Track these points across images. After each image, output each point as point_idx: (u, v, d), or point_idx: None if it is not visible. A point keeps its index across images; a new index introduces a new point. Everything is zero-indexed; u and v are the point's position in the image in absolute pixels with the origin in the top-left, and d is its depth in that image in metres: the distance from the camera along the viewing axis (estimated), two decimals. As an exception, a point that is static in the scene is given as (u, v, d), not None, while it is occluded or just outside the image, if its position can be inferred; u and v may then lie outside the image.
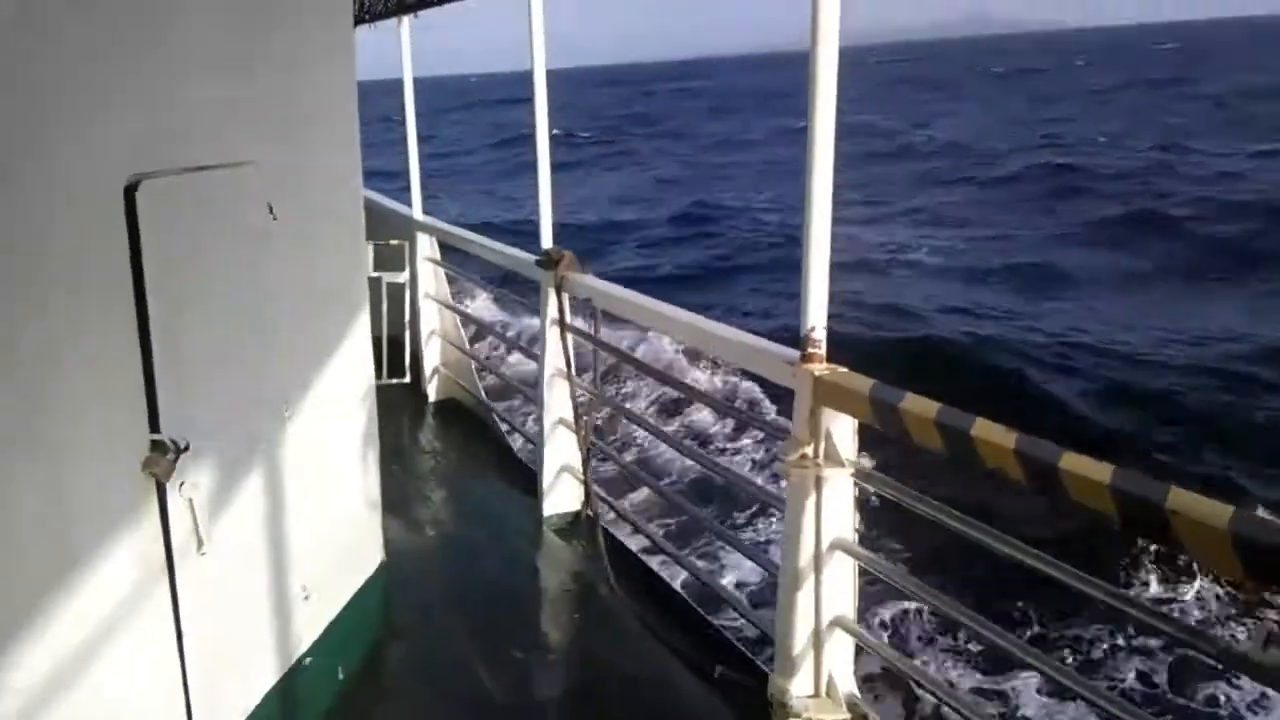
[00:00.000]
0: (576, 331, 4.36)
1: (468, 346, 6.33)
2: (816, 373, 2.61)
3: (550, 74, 4.45)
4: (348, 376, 3.23)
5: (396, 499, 4.54)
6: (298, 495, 2.88)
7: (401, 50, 6.11)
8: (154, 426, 2.14)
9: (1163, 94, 54.57)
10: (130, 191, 2.03)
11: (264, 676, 2.72)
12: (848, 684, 2.78)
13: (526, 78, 4.41)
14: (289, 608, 2.84)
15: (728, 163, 35.81)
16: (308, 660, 2.93)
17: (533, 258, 4.52)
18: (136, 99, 2.14)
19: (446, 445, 5.71)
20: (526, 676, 3.35)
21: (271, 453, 2.73)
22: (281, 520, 2.74)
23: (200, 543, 2.28)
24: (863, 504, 2.74)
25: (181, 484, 2.21)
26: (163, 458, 2.13)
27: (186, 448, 2.18)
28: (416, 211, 6.38)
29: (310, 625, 2.99)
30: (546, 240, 4.50)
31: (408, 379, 6.50)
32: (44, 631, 1.90)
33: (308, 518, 2.99)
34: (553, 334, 4.39)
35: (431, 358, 6.42)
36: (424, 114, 6.43)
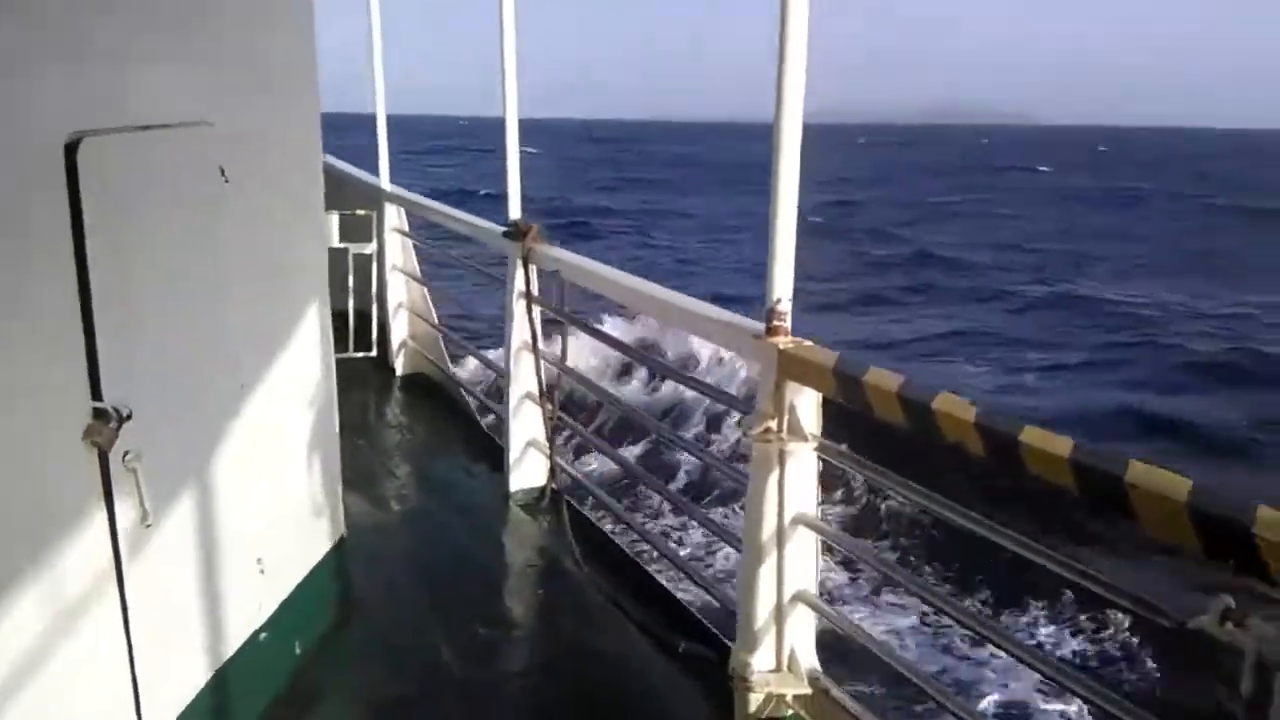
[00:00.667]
0: (543, 304, 4.31)
1: (435, 319, 6.24)
2: (781, 346, 2.58)
3: (524, 124, 4.38)
4: (306, 347, 3.16)
5: (360, 473, 4.47)
6: (252, 467, 2.81)
7: (370, 11, 5.96)
8: (95, 394, 2.06)
9: (1177, 205, 47.98)
10: (71, 149, 1.94)
11: (216, 652, 2.66)
12: (809, 658, 2.78)
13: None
14: (243, 582, 2.78)
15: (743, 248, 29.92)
16: (263, 636, 2.88)
17: (500, 229, 4.45)
18: (78, 51, 2.04)
19: (413, 419, 5.65)
20: (488, 652, 3.33)
21: (224, 423, 2.66)
22: (234, 492, 2.68)
23: (146, 515, 2.21)
24: (826, 478, 2.74)
25: (126, 454, 2.13)
26: (105, 426, 2.05)
27: (129, 416, 2.10)
28: (384, 181, 6.26)
29: (266, 600, 2.93)
30: (514, 211, 4.43)
31: (374, 352, 6.41)
32: None
33: (263, 490, 2.92)
34: (519, 307, 4.33)
35: (399, 331, 6.33)
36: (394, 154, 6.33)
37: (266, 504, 2.93)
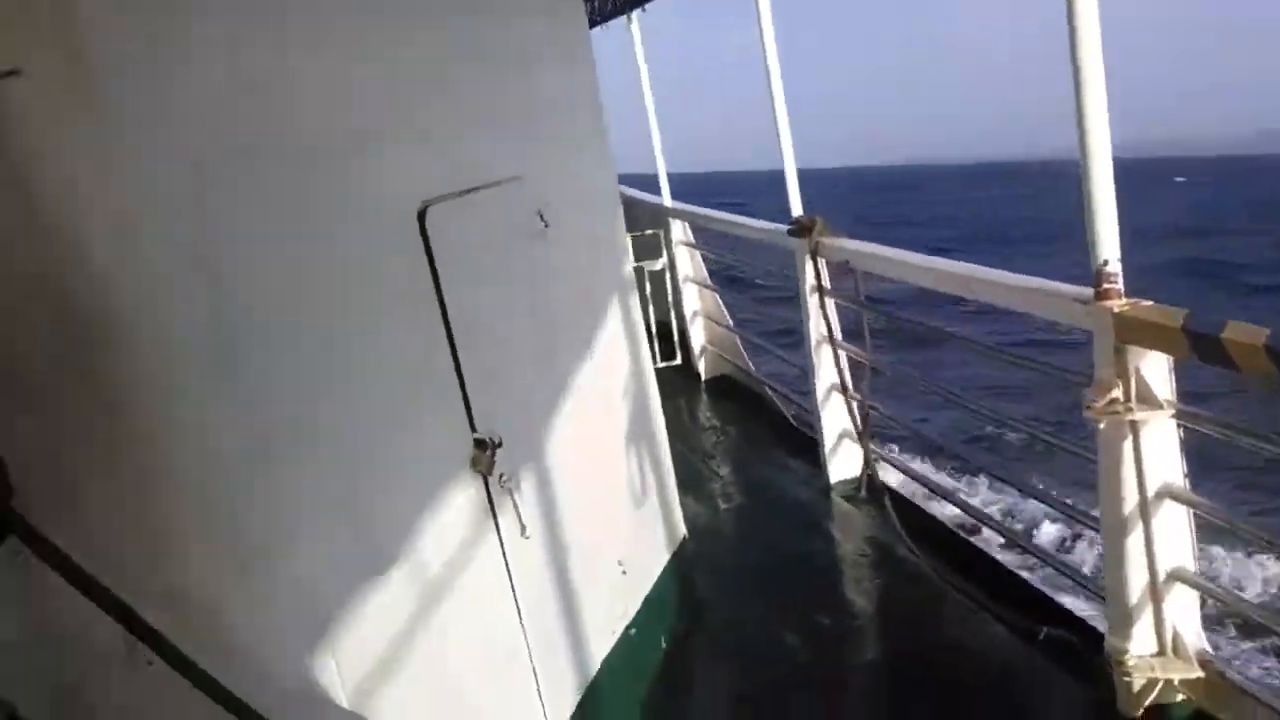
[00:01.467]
0: (837, 296, 4.31)
1: (731, 323, 6.46)
2: (1116, 309, 2.39)
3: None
4: (630, 362, 3.43)
5: (685, 476, 4.76)
6: (604, 478, 3.10)
7: (635, 49, 6.36)
8: (472, 426, 2.37)
9: None
10: (421, 217, 2.28)
11: (597, 647, 2.96)
12: (1196, 639, 2.54)
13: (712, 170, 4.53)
14: (610, 584, 3.08)
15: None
16: (632, 631, 3.17)
17: (784, 228, 4.53)
18: (420, 137, 2.39)
19: (725, 421, 5.89)
20: (839, 644, 3.39)
21: (572, 439, 2.94)
22: (593, 503, 2.97)
23: (524, 528, 2.52)
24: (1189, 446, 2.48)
25: (502, 476, 2.43)
26: (484, 454, 2.35)
27: (500, 443, 2.39)
28: (666, 199, 6.61)
29: (630, 599, 3.22)
30: (796, 208, 4.49)
31: (678, 360, 6.77)
32: (404, 615, 2.13)
33: (615, 498, 3.22)
34: (813, 301, 4.37)
35: (698, 338, 6.63)
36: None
37: (620, 511, 3.23)
